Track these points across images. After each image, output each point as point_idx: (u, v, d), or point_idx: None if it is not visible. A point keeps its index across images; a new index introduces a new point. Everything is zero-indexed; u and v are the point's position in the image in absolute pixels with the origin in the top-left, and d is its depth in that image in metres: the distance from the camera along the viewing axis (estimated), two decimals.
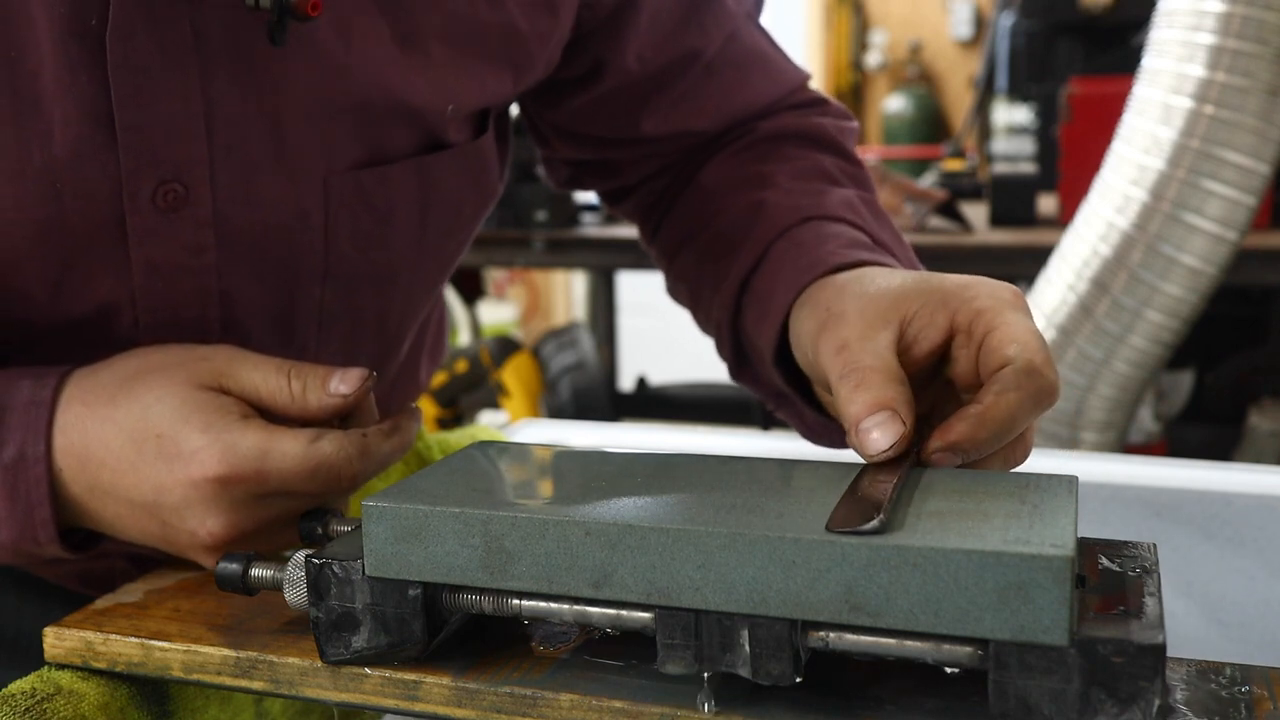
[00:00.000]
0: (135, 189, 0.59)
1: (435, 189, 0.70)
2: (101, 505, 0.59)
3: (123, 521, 0.59)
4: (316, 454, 0.56)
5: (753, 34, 0.80)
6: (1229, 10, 1.96)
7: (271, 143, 0.62)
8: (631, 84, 0.77)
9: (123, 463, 0.57)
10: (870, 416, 0.52)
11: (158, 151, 0.59)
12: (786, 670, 0.44)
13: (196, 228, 0.61)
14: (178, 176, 0.60)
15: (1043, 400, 0.53)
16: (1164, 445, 2.68)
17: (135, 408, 0.57)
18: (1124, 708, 0.41)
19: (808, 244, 0.67)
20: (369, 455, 0.58)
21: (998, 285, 0.57)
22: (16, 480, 0.57)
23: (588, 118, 0.79)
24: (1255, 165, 2.00)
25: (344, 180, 0.65)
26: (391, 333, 0.78)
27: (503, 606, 0.48)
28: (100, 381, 0.59)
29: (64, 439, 0.58)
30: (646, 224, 0.85)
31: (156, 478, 0.56)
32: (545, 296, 5.62)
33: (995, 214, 2.66)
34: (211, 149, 0.60)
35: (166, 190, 0.60)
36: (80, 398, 0.58)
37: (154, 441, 0.56)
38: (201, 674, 0.53)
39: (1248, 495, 0.83)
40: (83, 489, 0.58)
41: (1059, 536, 0.42)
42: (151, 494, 0.57)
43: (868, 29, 5.72)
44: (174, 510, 0.57)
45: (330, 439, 0.57)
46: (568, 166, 0.86)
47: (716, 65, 0.78)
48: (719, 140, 0.81)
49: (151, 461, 0.56)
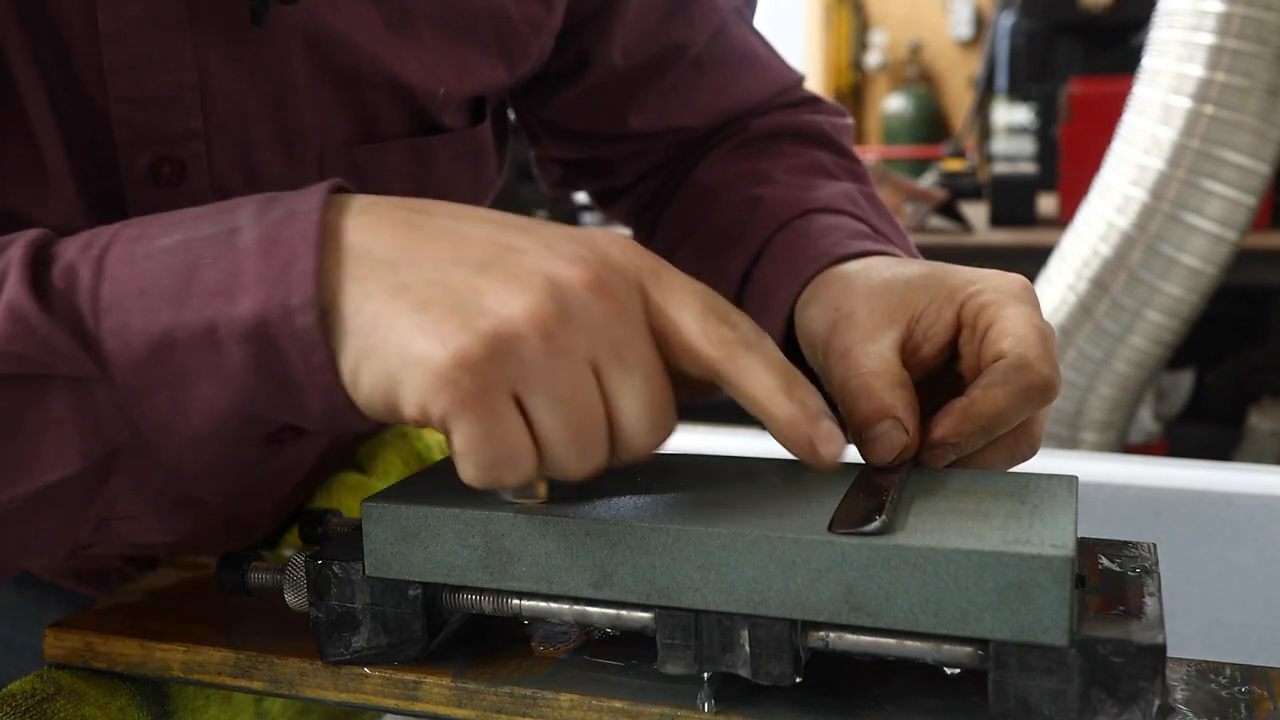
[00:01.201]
0: (130, 162, 0.59)
1: (431, 173, 0.70)
2: (398, 237, 0.44)
3: (431, 247, 0.44)
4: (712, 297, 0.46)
5: (743, 32, 0.81)
6: (1229, 10, 1.96)
7: (267, 118, 0.62)
8: (617, 78, 0.77)
9: (473, 221, 0.45)
10: (874, 425, 0.52)
11: (152, 125, 0.58)
12: (786, 670, 0.44)
13: (194, 203, 0.61)
14: (174, 151, 0.59)
15: (1035, 395, 0.52)
16: (1164, 445, 2.68)
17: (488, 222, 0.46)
18: (1124, 708, 0.41)
19: (810, 235, 0.67)
20: (761, 348, 0.46)
21: (1005, 278, 0.57)
22: (278, 235, 0.44)
23: (575, 113, 0.79)
24: (1255, 165, 2.00)
25: (339, 155, 0.65)
26: None
27: (503, 606, 0.48)
28: None
29: (374, 203, 0.46)
30: (640, 226, 0.85)
31: (517, 223, 0.46)
32: None
33: (995, 214, 2.66)
34: (207, 123, 0.60)
35: (162, 164, 0.59)
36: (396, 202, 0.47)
37: (514, 224, 0.46)
38: (201, 674, 0.53)
39: (1248, 495, 0.83)
40: (384, 218, 0.45)
41: (1059, 536, 0.42)
42: (508, 229, 0.45)
43: (868, 29, 5.72)
44: (538, 238, 0.44)
45: None
46: (559, 166, 0.86)
47: (704, 61, 0.78)
48: (711, 139, 0.81)
49: (516, 224, 0.46)
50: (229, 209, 0.45)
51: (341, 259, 0.44)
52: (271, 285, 0.43)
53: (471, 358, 0.41)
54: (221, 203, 0.46)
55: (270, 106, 0.61)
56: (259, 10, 0.56)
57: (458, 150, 0.71)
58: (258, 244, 0.44)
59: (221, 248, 0.44)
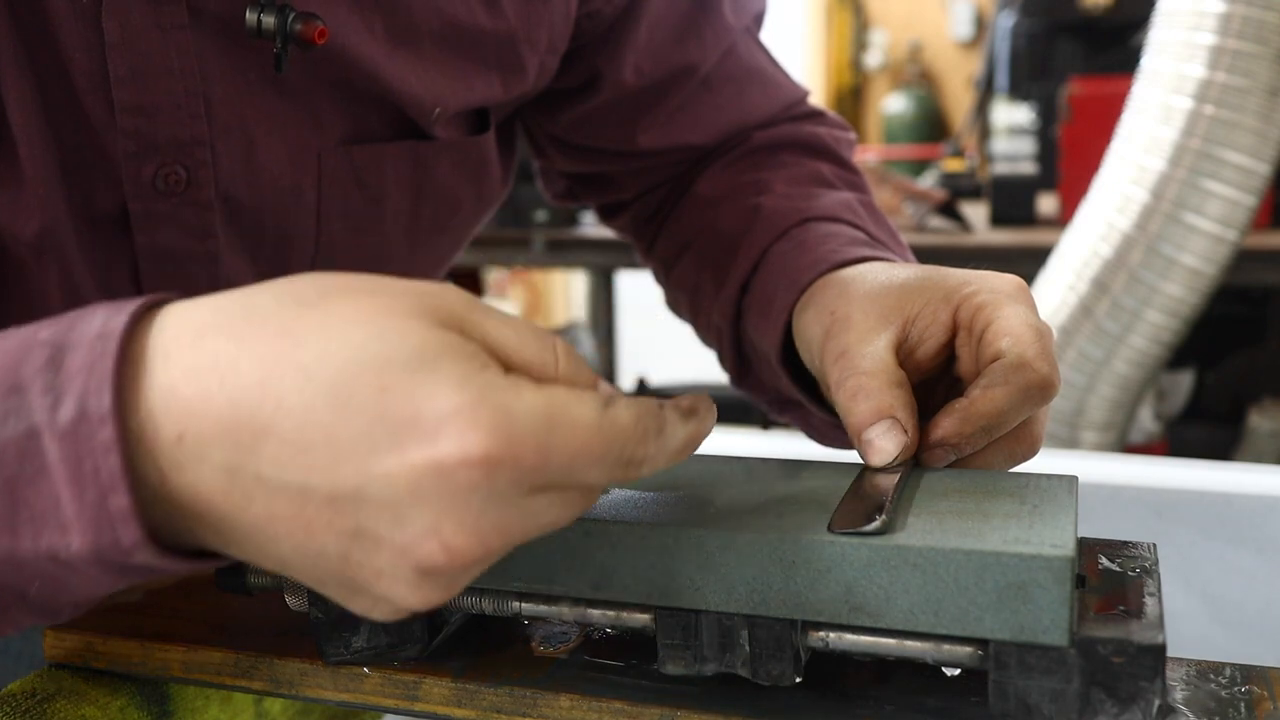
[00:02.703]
0: (136, 172, 0.59)
1: (429, 178, 0.70)
2: (245, 499, 0.38)
3: (275, 528, 0.38)
4: (612, 425, 0.39)
5: (751, 49, 0.81)
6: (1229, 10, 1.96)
7: (267, 121, 0.62)
8: (628, 96, 0.77)
9: (306, 430, 0.37)
10: (872, 426, 0.52)
11: (158, 133, 0.58)
12: (786, 670, 0.44)
13: (200, 211, 0.61)
14: (179, 158, 0.59)
15: (1034, 395, 0.53)
16: (1164, 445, 2.68)
17: (332, 343, 0.37)
18: (1124, 708, 0.41)
19: (807, 243, 0.67)
20: (665, 436, 0.41)
21: (1001, 279, 0.57)
22: (80, 454, 0.37)
23: (584, 129, 0.79)
24: (1255, 165, 2.00)
25: (336, 154, 0.65)
26: None
27: (503, 606, 0.48)
28: (251, 305, 0.39)
29: (178, 384, 0.38)
30: (642, 238, 0.85)
31: (371, 456, 0.37)
32: (545, 296, 5.62)
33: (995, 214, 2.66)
34: (212, 129, 0.60)
35: (168, 173, 0.59)
36: (209, 324, 0.39)
37: (374, 398, 0.36)
38: (201, 674, 0.53)
39: (1248, 495, 0.83)
40: (215, 471, 0.37)
41: (1059, 536, 0.42)
42: (354, 480, 0.37)
43: (868, 29, 5.72)
44: (388, 508, 0.37)
45: (626, 405, 0.40)
46: (564, 179, 0.86)
47: (713, 80, 0.79)
48: (714, 152, 0.81)
49: (367, 430, 0.36)
50: (16, 384, 0.38)
51: (167, 501, 0.38)
52: (96, 527, 0.37)
53: (404, 611, 0.40)
54: (5, 359, 0.39)
55: (267, 105, 0.61)
56: (280, 58, 0.57)
57: (457, 158, 0.71)
58: (64, 465, 0.37)
59: (31, 463, 0.38)
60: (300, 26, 0.56)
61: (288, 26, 0.56)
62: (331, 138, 0.64)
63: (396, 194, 0.69)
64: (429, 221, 0.72)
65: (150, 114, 0.58)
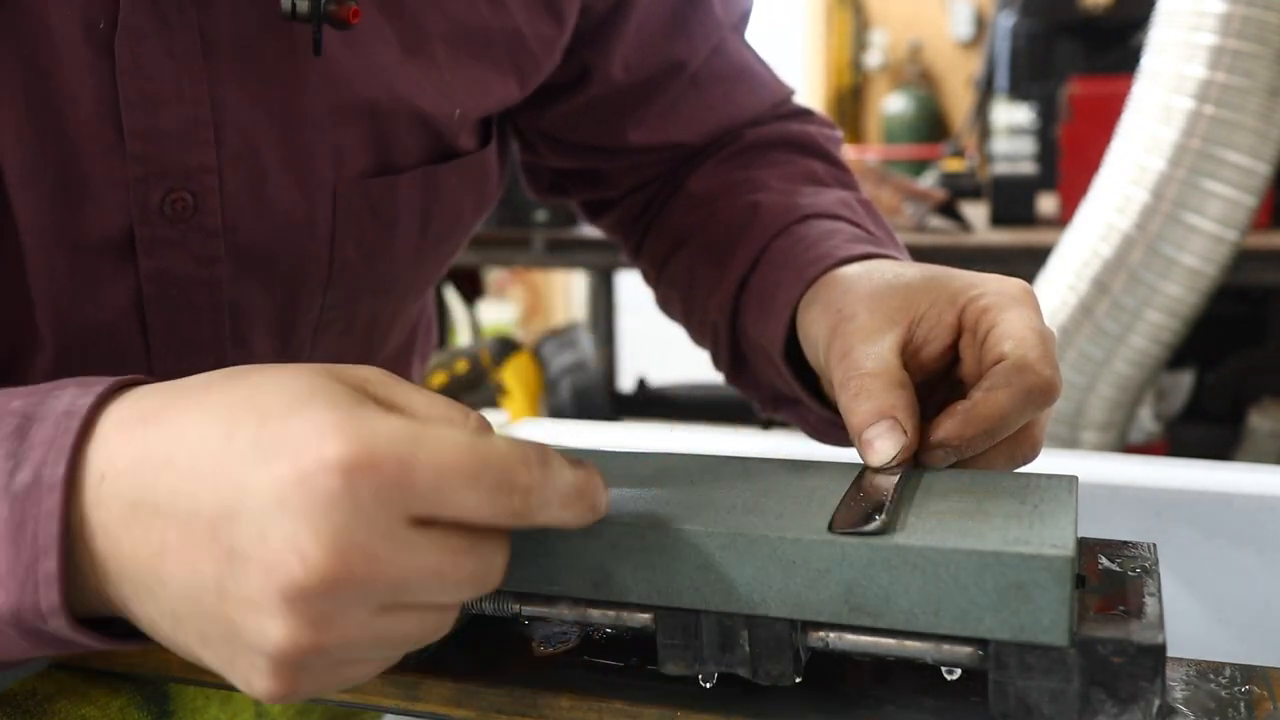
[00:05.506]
0: (143, 197, 0.59)
1: (438, 198, 0.70)
2: (144, 532, 0.39)
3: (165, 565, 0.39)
4: (487, 445, 0.39)
5: (738, 47, 0.81)
6: (1229, 10, 1.96)
7: (281, 150, 0.62)
8: (617, 92, 0.77)
9: (198, 457, 0.39)
10: (872, 427, 0.52)
11: (166, 159, 0.58)
12: (786, 670, 0.44)
13: (205, 237, 0.61)
14: (186, 185, 0.59)
15: (1036, 397, 0.53)
16: (1164, 445, 2.68)
17: (241, 389, 0.40)
18: (1124, 708, 0.41)
19: (809, 240, 0.67)
20: (550, 470, 0.40)
21: (1007, 282, 0.57)
22: (24, 517, 0.40)
23: (574, 124, 0.80)
24: (1255, 165, 2.00)
25: (353, 188, 0.65)
26: (380, 335, 0.78)
27: (503, 606, 0.48)
28: (198, 380, 0.43)
29: (110, 434, 0.41)
30: (629, 237, 0.85)
31: (247, 474, 0.38)
32: (545, 296, 5.62)
33: (995, 214, 2.66)
34: (220, 156, 0.60)
35: (175, 199, 0.59)
36: (164, 390, 0.42)
37: (254, 424, 0.38)
38: (201, 674, 0.53)
39: (1248, 495, 0.83)
40: (123, 504, 0.40)
41: (1059, 536, 0.42)
42: (230, 498, 0.38)
43: (868, 29, 5.72)
44: (255, 523, 0.37)
45: (506, 438, 0.40)
46: (551, 174, 0.86)
47: (702, 78, 0.79)
48: (704, 150, 0.81)
49: (243, 451, 0.38)
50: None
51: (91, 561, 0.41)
52: (21, 587, 0.40)
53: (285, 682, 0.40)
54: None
55: (283, 139, 0.61)
56: (319, 40, 0.57)
57: (465, 174, 0.71)
58: (6, 525, 0.40)
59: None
60: (334, 7, 0.56)
61: (321, 7, 0.56)
62: (351, 171, 0.64)
63: (407, 217, 0.69)
64: (435, 236, 0.72)
65: (158, 140, 0.58)
